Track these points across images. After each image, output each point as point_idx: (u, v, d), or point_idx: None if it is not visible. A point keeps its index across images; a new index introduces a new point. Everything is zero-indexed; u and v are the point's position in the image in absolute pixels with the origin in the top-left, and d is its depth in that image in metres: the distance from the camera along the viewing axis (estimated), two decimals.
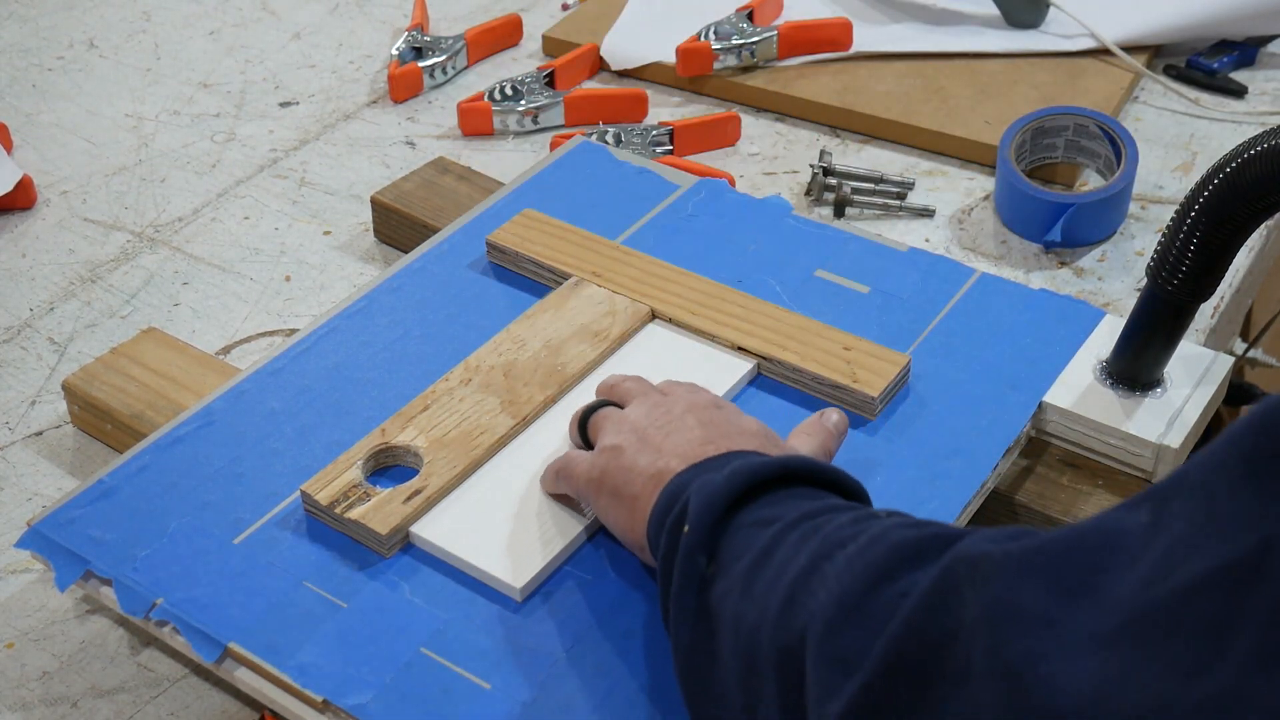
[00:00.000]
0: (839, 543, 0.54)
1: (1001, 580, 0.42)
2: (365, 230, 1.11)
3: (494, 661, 0.69)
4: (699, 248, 0.96)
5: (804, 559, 0.54)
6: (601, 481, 0.70)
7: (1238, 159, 0.71)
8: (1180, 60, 1.28)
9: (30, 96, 1.30)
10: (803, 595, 0.52)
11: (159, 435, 0.82)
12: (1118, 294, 1.01)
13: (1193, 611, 0.36)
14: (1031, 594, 0.40)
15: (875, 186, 1.12)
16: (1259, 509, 0.35)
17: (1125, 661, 0.36)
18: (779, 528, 0.58)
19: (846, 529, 0.55)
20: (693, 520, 0.60)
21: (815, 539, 0.56)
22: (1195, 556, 0.36)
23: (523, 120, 1.21)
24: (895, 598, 0.48)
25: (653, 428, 0.70)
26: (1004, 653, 0.39)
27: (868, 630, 0.47)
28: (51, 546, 0.75)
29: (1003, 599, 0.41)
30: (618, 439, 0.71)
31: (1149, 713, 0.35)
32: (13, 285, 1.06)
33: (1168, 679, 0.35)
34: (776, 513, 0.60)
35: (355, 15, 1.43)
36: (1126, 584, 0.38)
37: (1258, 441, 0.37)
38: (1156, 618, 0.36)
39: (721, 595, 0.58)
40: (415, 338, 0.89)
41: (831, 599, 0.50)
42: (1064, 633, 0.38)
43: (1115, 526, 0.41)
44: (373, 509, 0.75)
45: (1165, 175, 1.14)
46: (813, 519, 0.58)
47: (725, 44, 1.24)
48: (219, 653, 0.70)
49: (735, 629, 0.56)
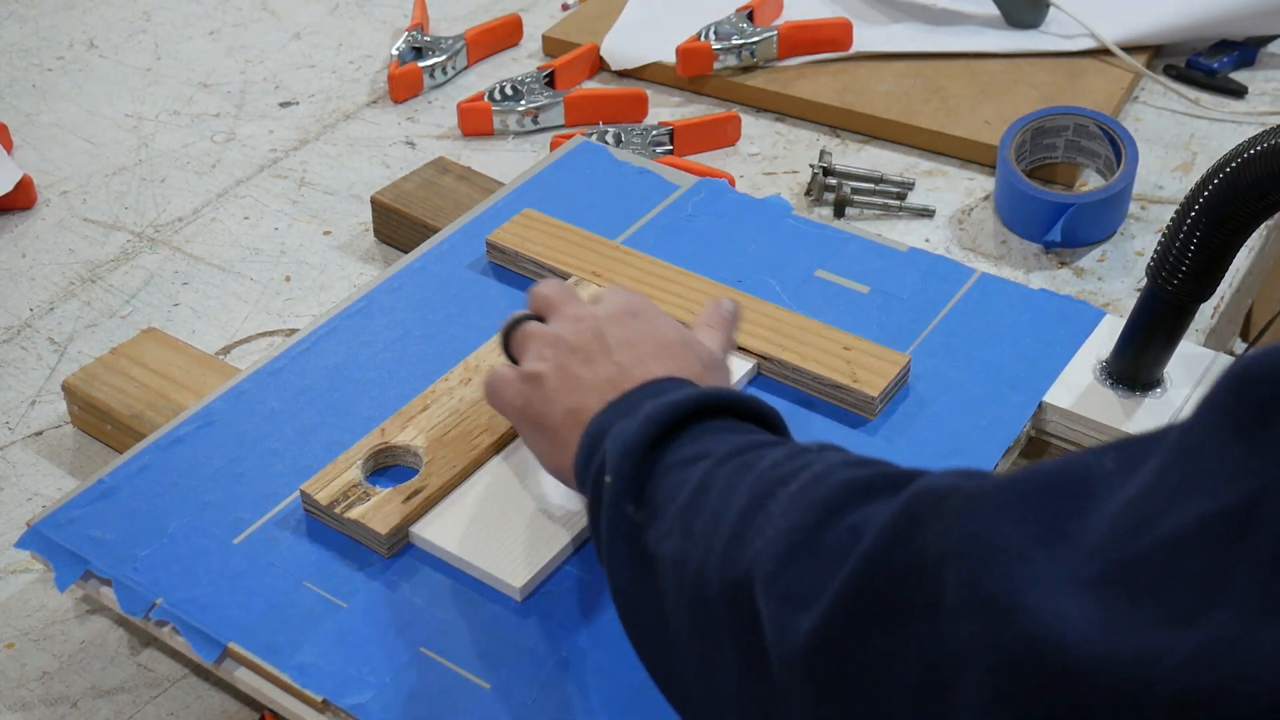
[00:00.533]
0: (779, 480, 0.53)
1: (973, 515, 0.41)
2: (365, 230, 1.11)
3: (494, 661, 0.69)
4: (699, 248, 0.96)
5: (744, 497, 0.54)
6: (525, 411, 0.72)
7: (1238, 159, 0.71)
8: (1180, 60, 1.28)
9: (30, 96, 1.30)
10: (748, 532, 0.52)
11: (159, 435, 0.82)
12: (1118, 294, 1.01)
13: (1183, 560, 0.35)
14: (1006, 531, 0.40)
15: (875, 186, 1.12)
16: (1247, 463, 0.36)
17: (1113, 607, 0.36)
18: (708, 465, 0.58)
19: (784, 465, 0.55)
20: (613, 470, 0.61)
21: (751, 475, 0.55)
22: (1179, 508, 0.36)
23: (523, 120, 1.21)
24: (846, 533, 0.47)
25: (571, 355, 0.71)
26: (982, 586, 0.39)
27: (819, 566, 0.47)
28: (51, 546, 0.75)
29: (977, 534, 0.40)
30: (539, 365, 0.72)
31: (1144, 654, 0.34)
32: (13, 285, 1.06)
33: (1161, 626, 0.35)
34: (701, 449, 0.60)
35: (355, 15, 1.43)
36: (1097, 531, 0.38)
37: (1242, 398, 0.37)
38: (1143, 567, 0.36)
39: (659, 539, 0.58)
40: (415, 338, 0.89)
41: (779, 535, 0.50)
42: (1043, 571, 0.38)
43: (1082, 473, 0.41)
44: (372, 509, 0.75)
45: (1165, 175, 1.14)
46: (743, 454, 0.58)
47: (725, 44, 1.24)
48: (219, 653, 0.70)
49: (679, 571, 0.55)
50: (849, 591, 0.44)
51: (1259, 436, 0.36)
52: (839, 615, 0.44)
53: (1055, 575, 0.38)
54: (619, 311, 0.73)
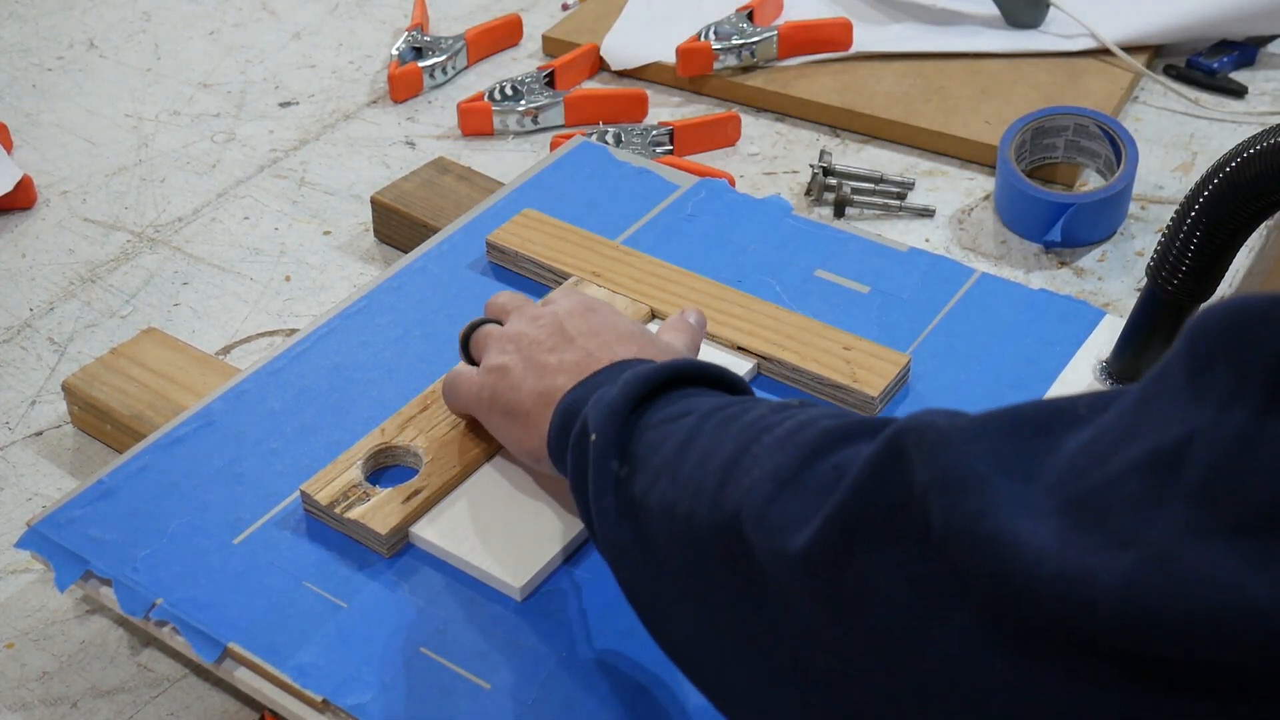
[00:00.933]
0: (765, 428, 0.55)
1: (950, 450, 0.43)
2: (365, 230, 1.11)
3: (494, 661, 0.69)
4: (699, 248, 0.96)
5: (729, 444, 0.55)
6: (492, 402, 0.73)
7: (1237, 159, 0.71)
8: (1180, 60, 1.28)
9: (30, 96, 1.30)
10: (735, 474, 0.53)
11: (159, 435, 0.82)
12: (1118, 294, 1.01)
13: (1124, 491, 0.38)
14: (977, 465, 0.42)
15: (875, 186, 1.12)
16: (1188, 407, 0.38)
17: (1067, 536, 0.39)
18: (692, 420, 0.59)
19: (769, 416, 0.56)
20: (598, 428, 0.62)
21: (736, 426, 0.57)
22: (1128, 447, 0.39)
23: (523, 120, 1.22)
24: (831, 470, 0.49)
25: (535, 345, 0.73)
26: (961, 516, 0.41)
27: (806, 498, 0.49)
28: (51, 546, 0.75)
29: (953, 467, 0.42)
30: (502, 358, 0.74)
31: (1087, 576, 0.37)
32: (13, 285, 1.06)
33: (1103, 550, 0.37)
34: (684, 408, 0.61)
35: (355, 15, 1.43)
36: (1055, 469, 0.41)
37: (1193, 347, 0.39)
38: (1091, 499, 0.39)
39: (645, 489, 0.58)
40: (415, 338, 0.89)
41: (765, 475, 0.51)
42: (1010, 502, 0.41)
43: (1054, 414, 0.43)
44: (372, 509, 0.75)
45: (1165, 175, 1.14)
46: (725, 409, 0.59)
47: (725, 44, 1.24)
48: (219, 653, 0.70)
49: (667, 517, 0.56)
50: (839, 515, 0.46)
51: (1200, 382, 0.38)
52: (831, 535, 0.46)
53: (1021, 506, 0.40)
54: (576, 307, 0.75)
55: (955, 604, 0.41)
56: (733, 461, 0.54)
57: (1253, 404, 0.37)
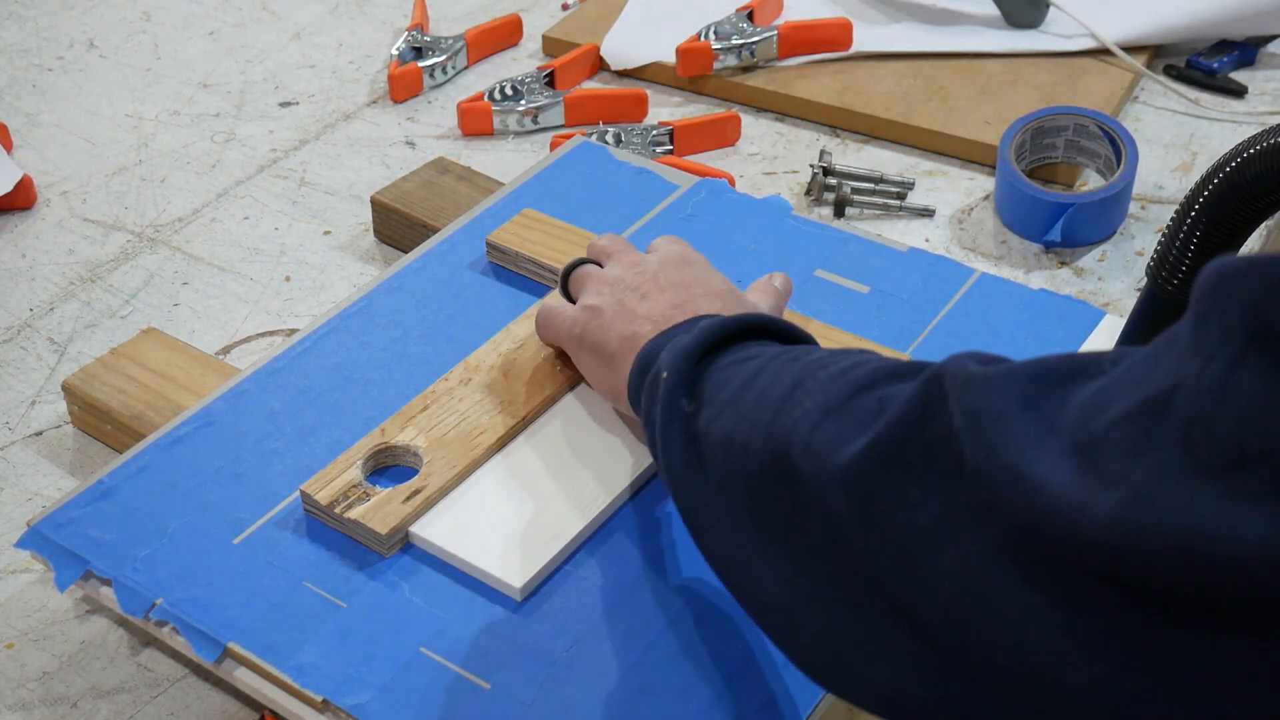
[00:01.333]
0: (821, 365, 0.58)
1: (982, 392, 0.46)
2: (365, 230, 1.11)
3: (494, 661, 0.69)
4: (699, 248, 0.96)
5: (787, 379, 0.59)
6: (582, 339, 0.78)
7: (1237, 158, 0.71)
8: (1180, 60, 1.28)
9: (30, 96, 1.30)
10: (788, 406, 0.56)
11: (159, 435, 0.82)
12: (1118, 294, 1.01)
13: (1115, 436, 0.41)
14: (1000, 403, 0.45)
15: (875, 186, 1.12)
16: (1180, 362, 0.41)
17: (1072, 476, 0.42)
18: (758, 362, 0.63)
19: (826, 358, 0.60)
20: (670, 368, 0.66)
21: (796, 365, 0.60)
22: (1129, 395, 0.42)
23: (523, 120, 1.22)
24: (875, 401, 0.52)
25: (628, 290, 0.77)
26: (979, 449, 0.45)
27: (850, 424, 0.52)
28: (51, 546, 0.75)
29: (977, 404, 0.46)
30: (597, 299, 0.78)
31: (1080, 510, 0.41)
32: (13, 285, 1.06)
33: (1096, 490, 0.41)
34: (752, 353, 0.64)
35: (355, 15, 1.43)
36: (1069, 414, 0.44)
37: (1197, 304, 0.41)
38: (1091, 443, 0.42)
39: (709, 421, 0.62)
40: (415, 338, 0.89)
41: (815, 405, 0.55)
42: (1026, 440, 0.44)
43: (1081, 365, 0.46)
44: (372, 509, 0.75)
45: (1165, 175, 1.14)
46: (789, 352, 0.63)
47: (725, 44, 1.24)
48: (219, 653, 0.70)
49: (727, 446, 0.60)
50: (881, 441, 0.49)
51: (1198, 336, 0.41)
52: (872, 458, 0.49)
53: (1034, 444, 0.43)
54: (673, 258, 0.79)
55: (972, 529, 0.45)
56: (787, 395, 0.57)
57: (1231, 353, 0.39)
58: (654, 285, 0.76)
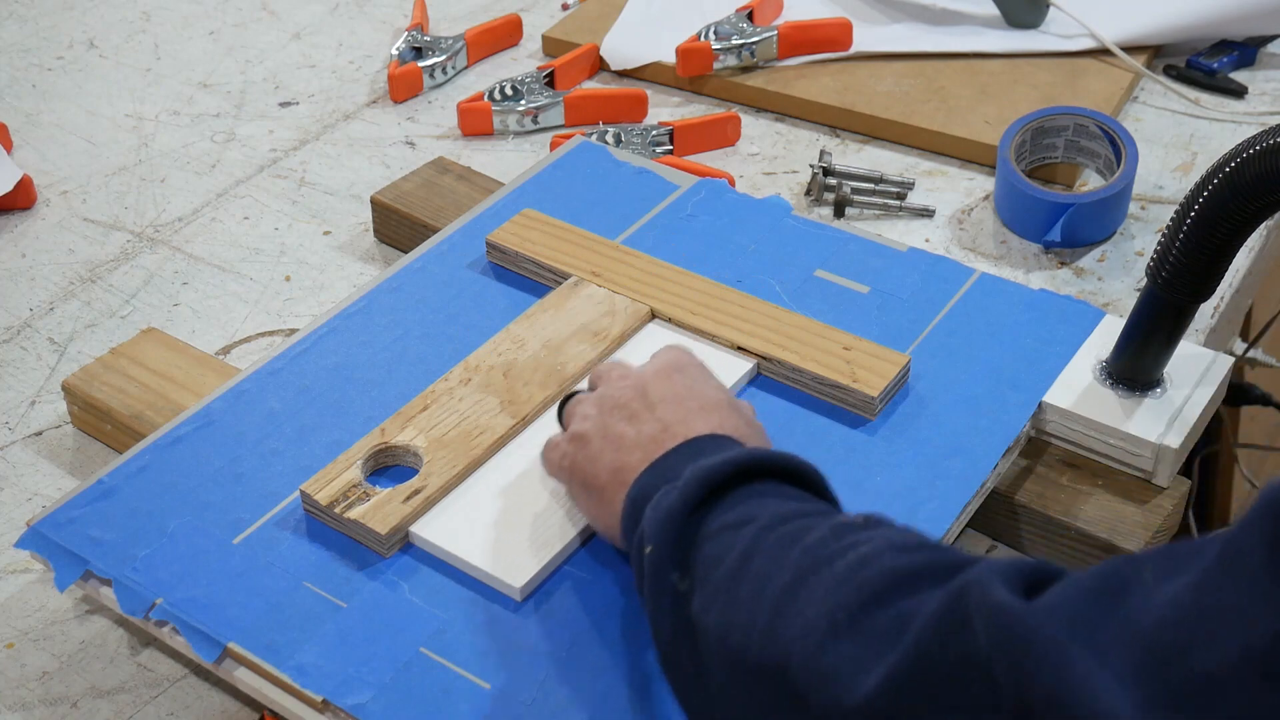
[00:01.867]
0: (825, 559, 0.54)
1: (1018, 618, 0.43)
2: (365, 230, 1.11)
3: (494, 661, 0.69)
4: (699, 248, 0.96)
5: (788, 572, 0.55)
6: (571, 473, 0.73)
7: (1237, 159, 0.70)
8: (1180, 60, 1.28)
9: (30, 96, 1.30)
10: (789, 609, 0.53)
11: (159, 435, 0.82)
12: (1118, 294, 1.01)
13: (1222, 700, 0.38)
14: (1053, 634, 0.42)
15: (875, 186, 1.12)
16: (1273, 596, 0.37)
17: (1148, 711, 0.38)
18: (753, 530, 0.58)
19: (831, 544, 0.55)
20: (654, 539, 0.61)
21: (796, 549, 0.56)
22: (1215, 640, 0.38)
23: (523, 120, 1.22)
24: (894, 619, 0.48)
25: (615, 411, 0.72)
26: (1037, 684, 0.41)
27: (864, 647, 0.48)
28: (51, 546, 0.75)
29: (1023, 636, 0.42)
30: (583, 425, 0.73)
31: None
32: (13, 285, 1.06)
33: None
34: (746, 514, 0.60)
35: (355, 15, 1.43)
36: (1138, 648, 0.40)
37: (1275, 527, 0.38)
38: (1184, 697, 0.38)
39: (702, 609, 0.58)
40: (415, 338, 0.89)
41: (820, 615, 0.51)
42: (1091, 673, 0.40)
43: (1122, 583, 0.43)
44: (372, 509, 0.75)
45: (1165, 175, 1.14)
46: (788, 523, 0.58)
47: (725, 44, 1.24)
48: (218, 653, 0.70)
49: (721, 643, 0.56)
50: (902, 673, 0.46)
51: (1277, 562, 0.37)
52: (893, 692, 0.46)
53: (1102, 679, 0.40)
54: (663, 367, 0.74)
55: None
56: (787, 593, 0.53)
57: None
58: (643, 403, 0.71)
